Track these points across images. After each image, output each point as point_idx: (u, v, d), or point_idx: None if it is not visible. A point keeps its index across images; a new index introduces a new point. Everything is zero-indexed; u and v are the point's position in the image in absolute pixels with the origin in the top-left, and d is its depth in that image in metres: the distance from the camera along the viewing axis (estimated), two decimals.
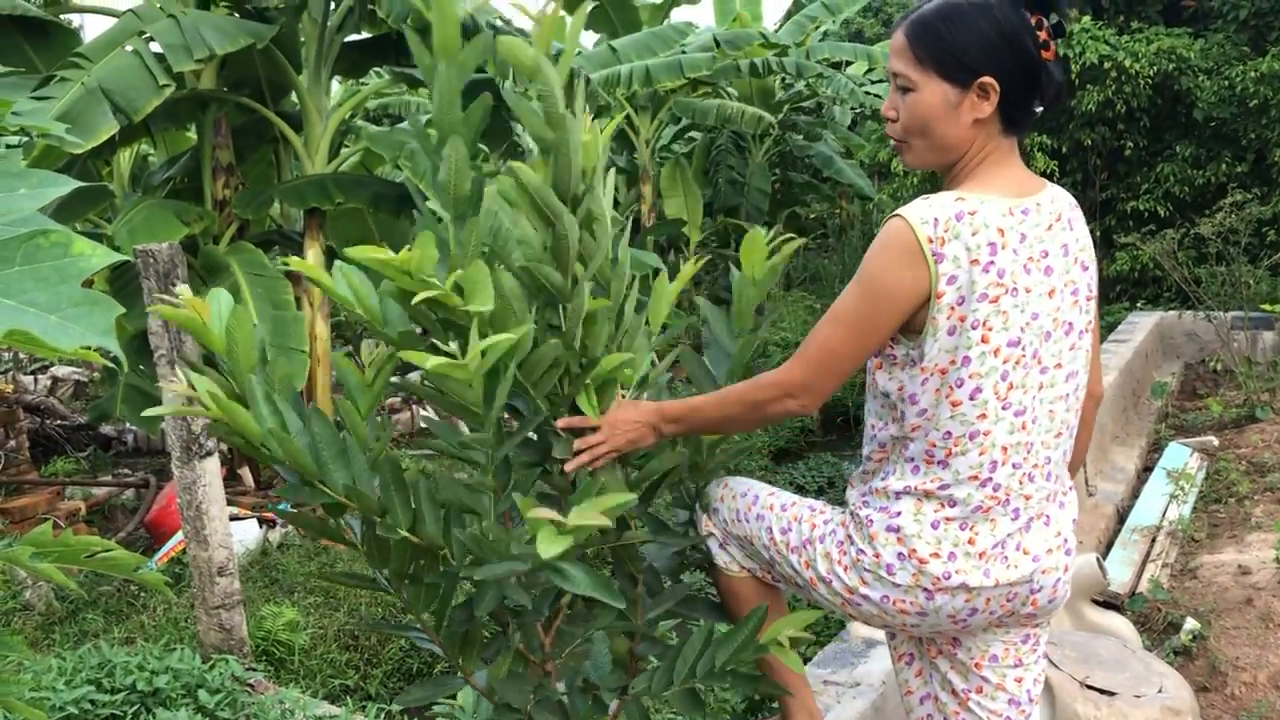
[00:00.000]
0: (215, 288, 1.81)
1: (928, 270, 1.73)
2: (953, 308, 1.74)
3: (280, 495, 1.82)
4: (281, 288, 6.70)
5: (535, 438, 2.03)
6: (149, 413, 1.66)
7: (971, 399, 1.78)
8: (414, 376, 2.26)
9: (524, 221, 1.85)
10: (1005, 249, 1.75)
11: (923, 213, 1.74)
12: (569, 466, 1.96)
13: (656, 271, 2.87)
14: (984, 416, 1.79)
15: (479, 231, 1.83)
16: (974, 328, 1.75)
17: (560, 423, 1.95)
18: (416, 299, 1.68)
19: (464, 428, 4.14)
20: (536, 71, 1.84)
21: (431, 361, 1.63)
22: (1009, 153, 1.86)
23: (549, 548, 1.58)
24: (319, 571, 1.72)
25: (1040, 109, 1.85)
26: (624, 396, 2.04)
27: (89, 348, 0.70)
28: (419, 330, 1.90)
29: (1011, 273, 1.75)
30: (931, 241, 1.72)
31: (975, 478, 1.82)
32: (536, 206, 1.85)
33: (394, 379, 1.93)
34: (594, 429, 1.96)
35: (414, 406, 9.82)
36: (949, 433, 1.81)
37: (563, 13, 1.92)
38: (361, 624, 3.38)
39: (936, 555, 1.82)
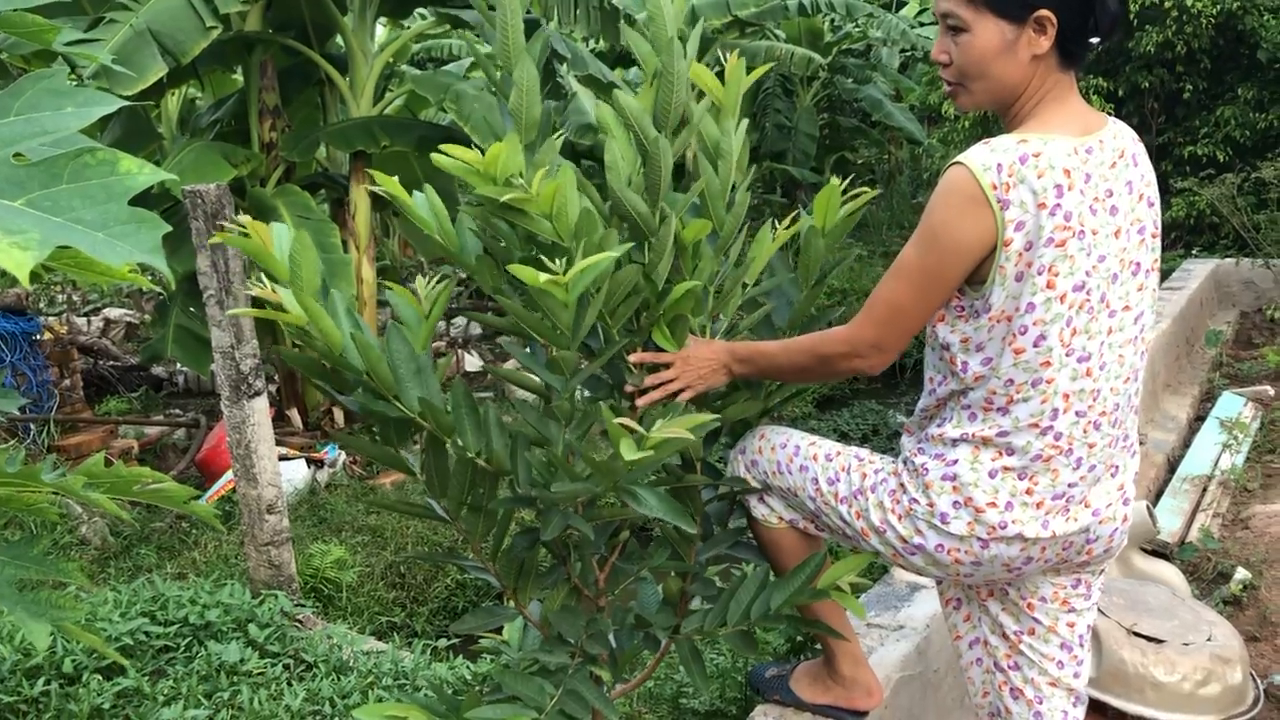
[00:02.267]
0: (319, 204, 1.81)
1: (993, 218, 1.68)
2: (1020, 254, 1.69)
3: (351, 406, 1.82)
4: (328, 230, 6.73)
5: (604, 374, 2.02)
6: (233, 313, 1.67)
7: (1035, 346, 1.74)
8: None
9: (613, 147, 1.82)
10: (1072, 190, 1.70)
11: (985, 158, 1.68)
12: (641, 402, 1.94)
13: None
14: (1048, 364, 1.75)
15: (553, 156, 1.82)
16: (1040, 273, 1.70)
17: (634, 357, 1.93)
18: (506, 197, 1.65)
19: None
20: (664, 49, 1.82)
21: (543, 278, 1.60)
22: (1069, 89, 1.80)
23: (630, 453, 1.58)
24: (374, 501, 1.75)
25: (1098, 41, 1.78)
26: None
27: (137, 268, 0.70)
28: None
29: (1078, 215, 1.70)
30: (996, 188, 1.67)
31: (1035, 425, 1.78)
32: (634, 134, 1.83)
33: (458, 318, 1.91)
34: (668, 365, 1.95)
35: (459, 351, 9.87)
36: (1011, 380, 1.77)
37: None
38: (414, 555, 3.41)
39: (994, 505, 1.79)
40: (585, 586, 2.05)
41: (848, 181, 2.20)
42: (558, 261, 1.62)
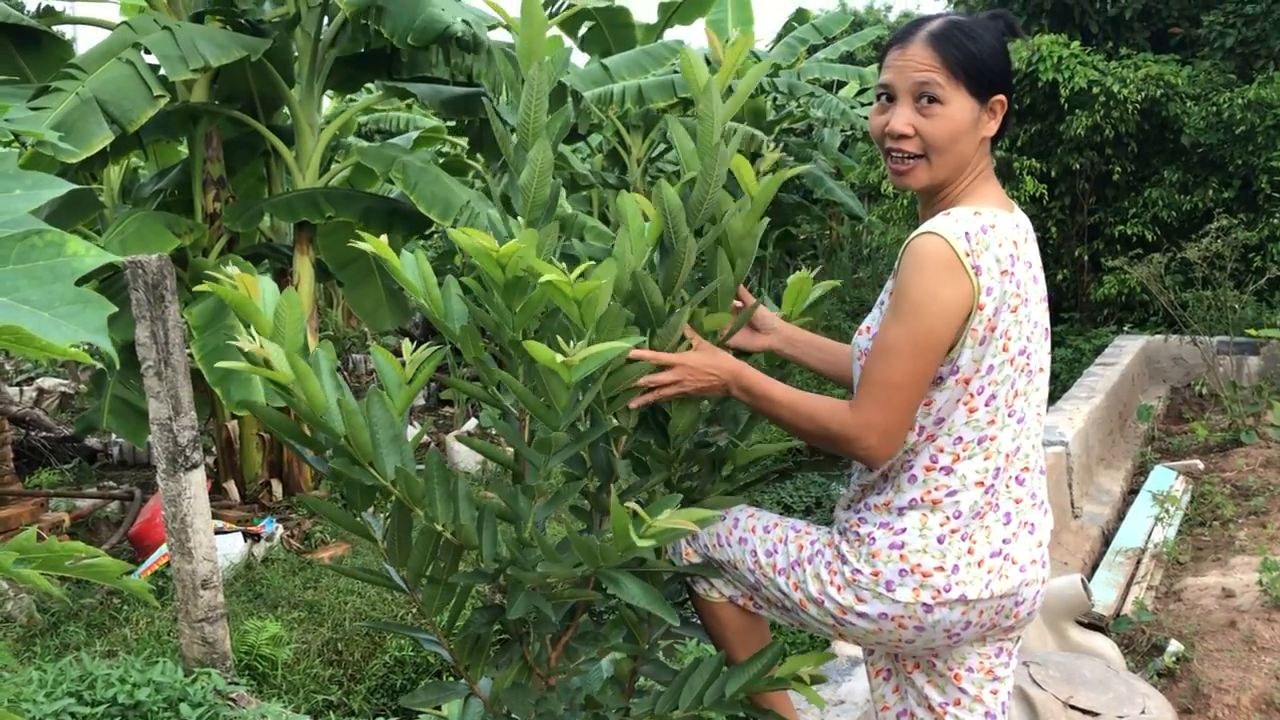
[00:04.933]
0: (262, 276, 1.81)
1: (970, 283, 1.74)
2: (989, 318, 1.76)
3: (319, 467, 1.79)
4: None
5: (585, 454, 2.02)
6: (222, 365, 1.65)
7: (986, 405, 1.81)
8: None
9: (625, 238, 1.85)
10: (1019, 260, 1.80)
11: (954, 228, 1.75)
12: (634, 403, 1.90)
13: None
14: (993, 422, 1.82)
15: (552, 239, 1.84)
16: (1000, 337, 1.78)
17: (635, 353, 1.86)
18: (547, 277, 1.65)
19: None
20: (702, 95, 1.86)
21: (558, 358, 1.61)
22: (990, 168, 1.90)
23: (641, 541, 1.58)
24: (334, 567, 1.72)
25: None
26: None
27: (81, 346, 0.70)
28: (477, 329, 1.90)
29: (1024, 283, 1.80)
30: (969, 255, 1.74)
31: (980, 483, 1.83)
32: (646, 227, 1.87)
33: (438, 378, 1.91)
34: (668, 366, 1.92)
35: (412, 421, 9.79)
36: (960, 438, 1.82)
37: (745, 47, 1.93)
38: (366, 626, 3.35)
39: (940, 569, 1.82)
40: (538, 665, 2.04)
41: (816, 272, 2.28)
42: (571, 344, 1.64)
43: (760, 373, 1.96)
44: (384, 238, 1.84)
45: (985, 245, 1.75)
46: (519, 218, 1.94)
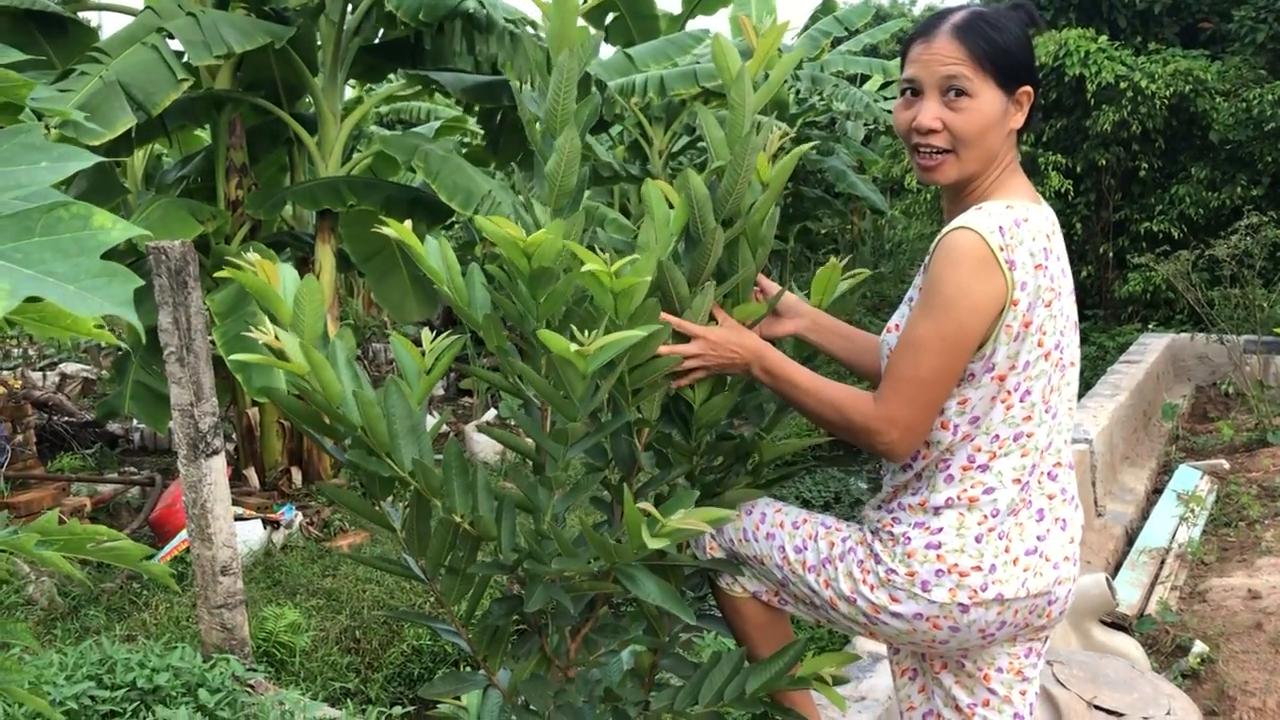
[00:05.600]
0: (283, 264, 1.79)
1: (1004, 279, 1.71)
2: (1024, 314, 1.73)
3: (339, 457, 1.77)
4: None
5: (605, 444, 2.00)
6: (237, 357, 1.63)
7: (1022, 402, 1.78)
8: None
9: (649, 227, 1.82)
10: (1051, 254, 1.77)
11: (987, 223, 1.72)
12: (673, 383, 1.88)
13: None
14: (1030, 419, 1.80)
15: (578, 228, 1.81)
16: (1035, 333, 1.75)
17: (664, 316, 1.82)
18: (587, 268, 1.62)
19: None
20: (734, 83, 1.83)
21: (573, 348, 1.59)
22: (1017, 160, 1.87)
23: (654, 541, 1.57)
24: (353, 556, 1.71)
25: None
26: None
27: (107, 323, 0.69)
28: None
29: (1056, 276, 1.78)
30: (1003, 250, 1.70)
31: (1017, 480, 1.81)
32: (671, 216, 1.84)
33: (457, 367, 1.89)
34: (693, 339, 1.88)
35: (431, 411, 9.80)
36: (997, 435, 1.79)
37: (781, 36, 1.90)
38: (385, 614, 3.35)
39: (978, 568, 1.79)
40: (556, 657, 2.02)
41: (845, 260, 2.25)
42: (587, 334, 1.61)
43: (785, 356, 1.91)
44: (407, 223, 1.82)
45: (1019, 240, 1.72)
46: (544, 206, 1.91)
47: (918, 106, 1.82)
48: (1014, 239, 1.72)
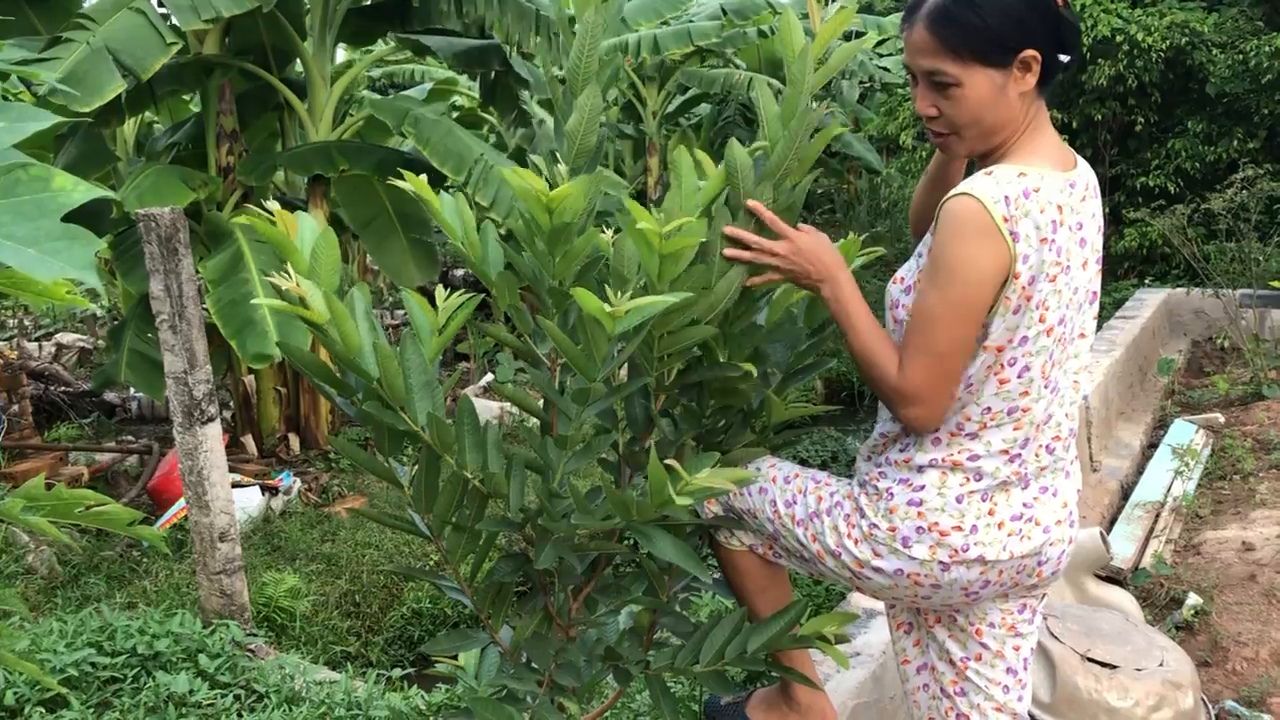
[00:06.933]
0: (300, 214, 1.77)
1: (1007, 249, 1.67)
2: (1024, 288, 1.69)
3: (349, 411, 1.77)
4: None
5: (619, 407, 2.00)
6: (259, 302, 1.62)
7: (1019, 377, 1.75)
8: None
9: (675, 195, 1.78)
10: (1063, 226, 1.72)
11: (993, 191, 1.67)
12: (728, 253, 1.82)
13: None
14: (1027, 394, 1.77)
15: (597, 186, 1.79)
16: (1036, 308, 1.71)
17: (753, 204, 1.80)
18: (642, 224, 1.61)
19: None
20: (796, 60, 1.80)
21: (607, 308, 1.57)
22: (1044, 114, 1.82)
23: (680, 498, 1.56)
24: (359, 511, 1.70)
25: (1067, 59, 1.78)
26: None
27: (76, 288, 0.68)
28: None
29: (1066, 250, 1.73)
30: (1007, 220, 1.66)
31: (1005, 452, 1.79)
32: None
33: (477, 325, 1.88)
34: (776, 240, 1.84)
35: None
36: (989, 408, 1.78)
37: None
38: (390, 569, 3.36)
39: (959, 528, 1.79)
40: (559, 616, 2.03)
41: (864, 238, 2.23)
42: (619, 294, 1.59)
43: (858, 291, 1.86)
44: (423, 177, 1.81)
45: (1025, 211, 1.67)
46: (559, 164, 1.89)
47: (917, 91, 1.81)
48: (1020, 209, 1.67)
